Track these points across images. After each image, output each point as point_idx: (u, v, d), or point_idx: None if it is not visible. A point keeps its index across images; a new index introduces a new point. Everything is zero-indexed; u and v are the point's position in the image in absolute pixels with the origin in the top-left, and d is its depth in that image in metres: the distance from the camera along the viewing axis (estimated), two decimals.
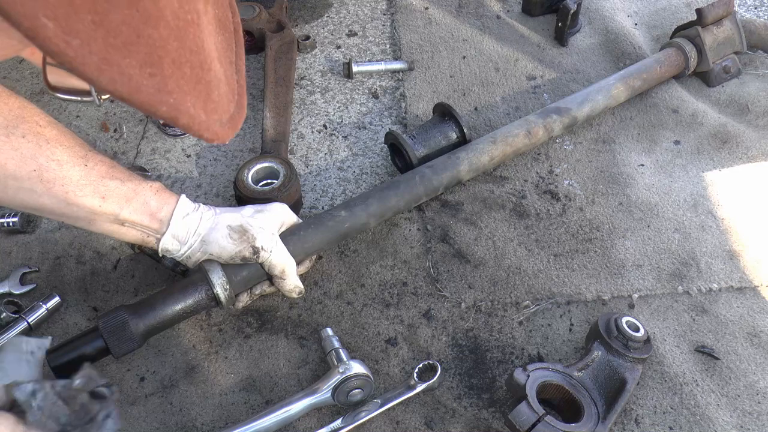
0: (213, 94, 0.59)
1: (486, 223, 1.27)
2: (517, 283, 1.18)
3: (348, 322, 1.13)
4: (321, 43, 1.71)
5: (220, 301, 1.04)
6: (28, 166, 0.89)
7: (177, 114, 0.55)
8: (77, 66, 0.47)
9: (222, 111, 0.61)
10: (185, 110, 0.55)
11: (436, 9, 1.78)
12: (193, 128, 0.57)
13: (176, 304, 1.02)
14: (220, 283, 1.03)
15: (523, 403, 0.93)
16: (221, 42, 0.63)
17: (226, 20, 0.66)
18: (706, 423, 0.99)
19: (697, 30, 1.49)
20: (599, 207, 1.30)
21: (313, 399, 0.99)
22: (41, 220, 1.30)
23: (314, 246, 1.13)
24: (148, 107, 0.53)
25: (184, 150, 1.46)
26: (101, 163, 0.96)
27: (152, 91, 0.52)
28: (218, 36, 0.62)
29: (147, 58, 0.50)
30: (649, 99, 1.51)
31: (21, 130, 0.89)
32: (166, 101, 0.53)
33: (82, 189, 0.93)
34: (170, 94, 0.53)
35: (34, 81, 1.64)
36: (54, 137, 0.92)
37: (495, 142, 1.30)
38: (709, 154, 1.39)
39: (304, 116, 1.52)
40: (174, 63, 0.53)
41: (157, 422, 1.02)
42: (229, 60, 0.65)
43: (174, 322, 1.04)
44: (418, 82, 1.57)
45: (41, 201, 0.92)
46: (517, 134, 1.32)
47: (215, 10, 0.62)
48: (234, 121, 0.64)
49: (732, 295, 1.15)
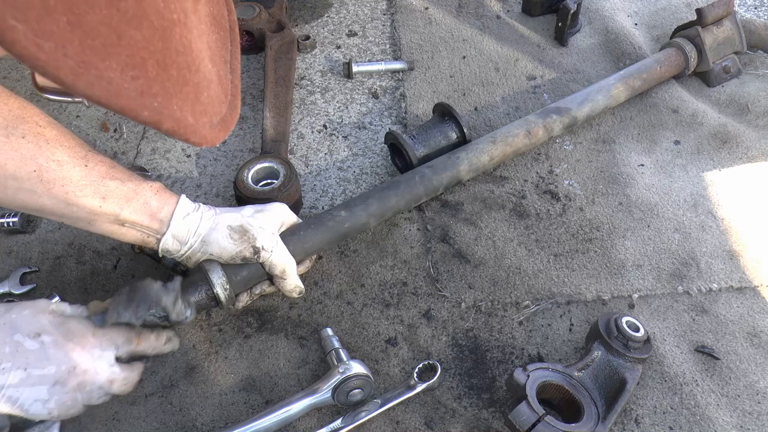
0: (202, 96, 0.57)
1: (486, 223, 1.27)
2: (517, 283, 1.18)
3: (348, 322, 1.13)
4: (321, 43, 1.71)
5: (220, 301, 1.04)
6: (28, 167, 0.89)
7: (160, 118, 0.52)
8: (50, 70, 0.44)
9: (212, 113, 0.60)
10: (170, 114, 0.53)
11: (436, 9, 1.78)
12: (179, 132, 0.55)
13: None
14: (220, 283, 1.03)
15: (523, 403, 0.93)
16: (215, 41, 0.61)
17: (221, 18, 0.64)
18: (706, 423, 0.99)
19: (697, 30, 1.49)
20: (599, 207, 1.30)
21: (313, 399, 0.99)
22: (41, 220, 1.30)
23: (314, 246, 1.13)
24: (129, 112, 0.50)
25: (184, 150, 1.46)
26: (101, 163, 0.96)
27: (134, 95, 0.49)
28: (212, 35, 0.60)
29: (129, 60, 0.48)
30: (649, 99, 1.51)
31: (21, 131, 0.89)
32: (149, 105, 0.51)
33: (83, 189, 0.93)
34: (154, 98, 0.51)
35: None
36: (54, 137, 0.92)
37: (495, 142, 1.30)
38: (709, 154, 1.39)
39: (304, 116, 1.52)
40: (159, 65, 0.51)
41: (157, 422, 1.02)
42: (224, 59, 0.63)
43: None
44: (418, 82, 1.57)
45: (41, 201, 0.92)
46: (517, 134, 1.32)
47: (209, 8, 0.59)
48: (226, 122, 0.62)
49: (732, 295, 1.15)
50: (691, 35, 1.50)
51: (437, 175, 1.24)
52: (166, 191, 1.02)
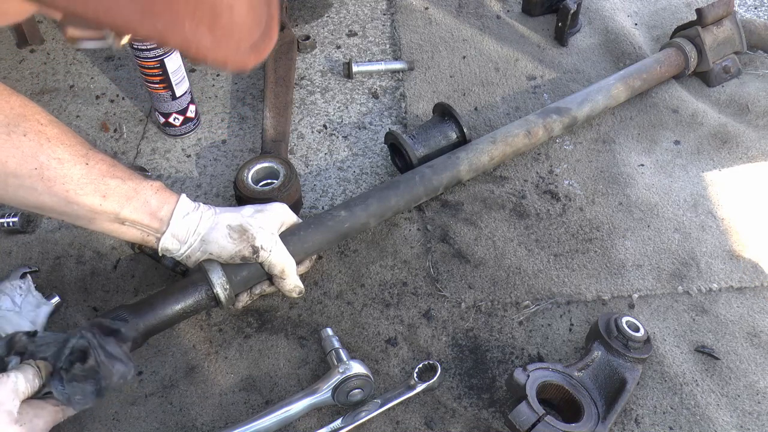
0: (222, 19, 0.53)
1: (486, 223, 1.27)
2: (517, 283, 1.18)
3: (348, 322, 1.13)
4: (321, 43, 1.71)
5: (220, 300, 1.04)
6: (29, 165, 0.89)
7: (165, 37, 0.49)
8: None
9: (240, 38, 0.56)
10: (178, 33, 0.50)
11: (436, 9, 1.78)
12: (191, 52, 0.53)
13: (176, 303, 1.02)
14: (219, 282, 1.03)
15: (523, 403, 0.93)
16: None
17: None
18: (706, 423, 0.99)
19: (697, 30, 1.49)
20: (599, 207, 1.30)
21: (313, 399, 0.99)
22: (41, 220, 1.30)
23: (314, 246, 1.13)
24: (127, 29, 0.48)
25: (184, 150, 1.46)
26: (102, 161, 0.96)
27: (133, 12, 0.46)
28: None
29: None
30: (649, 99, 1.51)
31: (22, 129, 0.89)
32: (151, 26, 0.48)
33: (83, 188, 0.93)
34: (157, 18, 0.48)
35: (34, 81, 1.64)
36: (55, 136, 0.92)
37: (495, 142, 1.30)
38: (709, 154, 1.39)
39: (304, 116, 1.52)
40: None
41: (157, 422, 1.02)
42: None
43: (174, 322, 1.04)
44: (418, 82, 1.57)
45: (42, 199, 0.92)
46: (517, 134, 1.32)
47: None
48: (258, 48, 0.59)
49: (732, 295, 1.15)
50: (691, 35, 1.50)
51: (437, 175, 1.24)
52: (166, 190, 1.03)
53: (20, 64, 1.69)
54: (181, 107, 1.43)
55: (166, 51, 1.33)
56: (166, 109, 1.43)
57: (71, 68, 1.67)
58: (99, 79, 1.64)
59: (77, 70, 1.67)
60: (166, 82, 1.37)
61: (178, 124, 1.46)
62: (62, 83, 1.63)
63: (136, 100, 1.58)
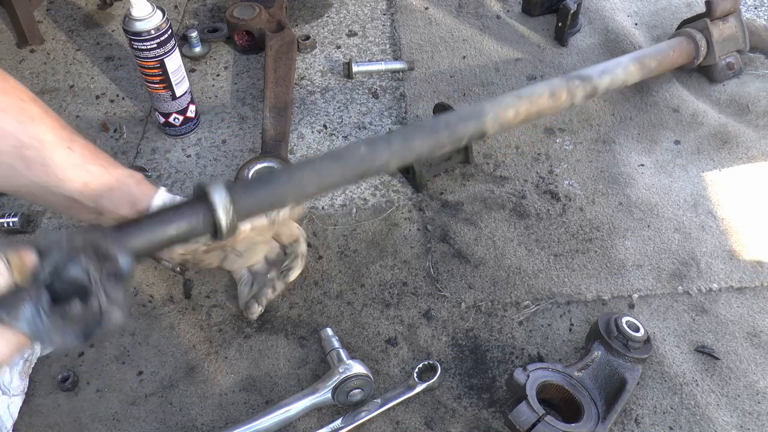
0: None
1: (486, 223, 1.27)
2: (517, 283, 1.18)
3: (348, 322, 1.13)
4: (321, 43, 1.71)
5: (221, 226, 0.86)
6: (8, 141, 0.84)
7: None
8: None
9: None
10: None
11: (436, 9, 1.78)
12: None
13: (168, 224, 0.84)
14: (222, 204, 0.86)
15: (523, 403, 0.93)
16: None
17: None
18: (706, 423, 0.99)
19: (705, 22, 1.48)
20: (599, 207, 1.30)
21: (313, 399, 0.99)
22: (41, 219, 1.30)
23: (330, 180, 1.00)
24: None
25: (184, 150, 1.46)
26: (85, 147, 0.91)
27: None
28: None
29: None
30: (649, 98, 1.51)
31: (1, 104, 0.84)
32: None
33: (64, 172, 0.88)
34: None
35: (34, 81, 1.64)
36: (38, 115, 0.87)
37: (520, 98, 1.22)
38: (709, 154, 1.39)
39: (304, 116, 1.52)
40: None
41: (157, 422, 1.02)
42: None
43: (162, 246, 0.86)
44: (418, 82, 1.58)
45: (20, 181, 0.87)
46: (542, 94, 1.24)
47: None
48: None
49: (732, 295, 1.15)
50: (700, 27, 1.50)
51: (463, 123, 1.14)
52: (146, 182, 0.98)
53: (20, 64, 1.69)
54: (181, 107, 1.43)
55: (167, 51, 1.33)
56: (166, 109, 1.43)
57: (71, 68, 1.68)
58: (99, 79, 1.64)
59: (77, 70, 1.67)
60: (166, 82, 1.37)
61: (178, 124, 1.46)
62: (62, 83, 1.63)
63: (136, 100, 1.58)
